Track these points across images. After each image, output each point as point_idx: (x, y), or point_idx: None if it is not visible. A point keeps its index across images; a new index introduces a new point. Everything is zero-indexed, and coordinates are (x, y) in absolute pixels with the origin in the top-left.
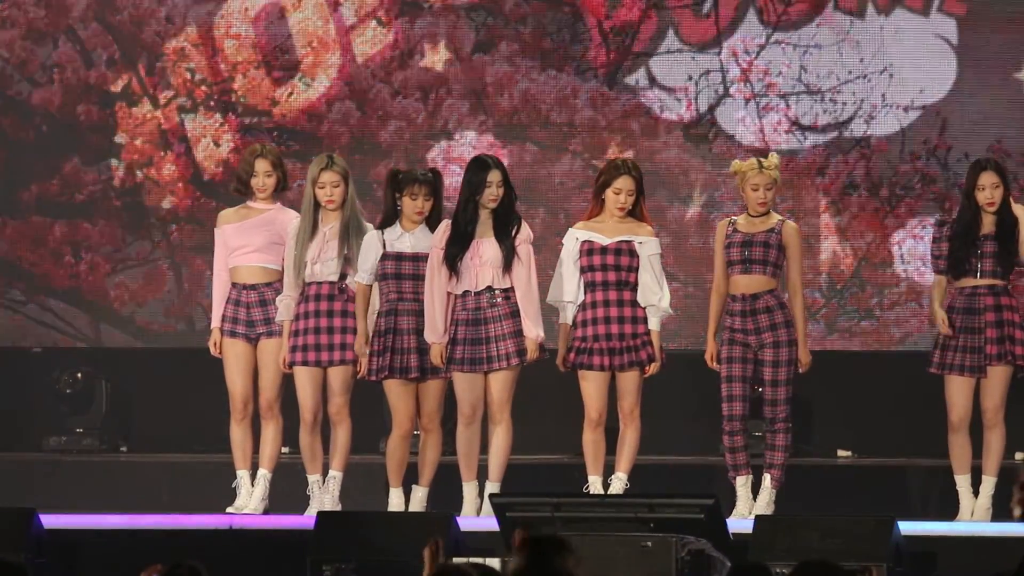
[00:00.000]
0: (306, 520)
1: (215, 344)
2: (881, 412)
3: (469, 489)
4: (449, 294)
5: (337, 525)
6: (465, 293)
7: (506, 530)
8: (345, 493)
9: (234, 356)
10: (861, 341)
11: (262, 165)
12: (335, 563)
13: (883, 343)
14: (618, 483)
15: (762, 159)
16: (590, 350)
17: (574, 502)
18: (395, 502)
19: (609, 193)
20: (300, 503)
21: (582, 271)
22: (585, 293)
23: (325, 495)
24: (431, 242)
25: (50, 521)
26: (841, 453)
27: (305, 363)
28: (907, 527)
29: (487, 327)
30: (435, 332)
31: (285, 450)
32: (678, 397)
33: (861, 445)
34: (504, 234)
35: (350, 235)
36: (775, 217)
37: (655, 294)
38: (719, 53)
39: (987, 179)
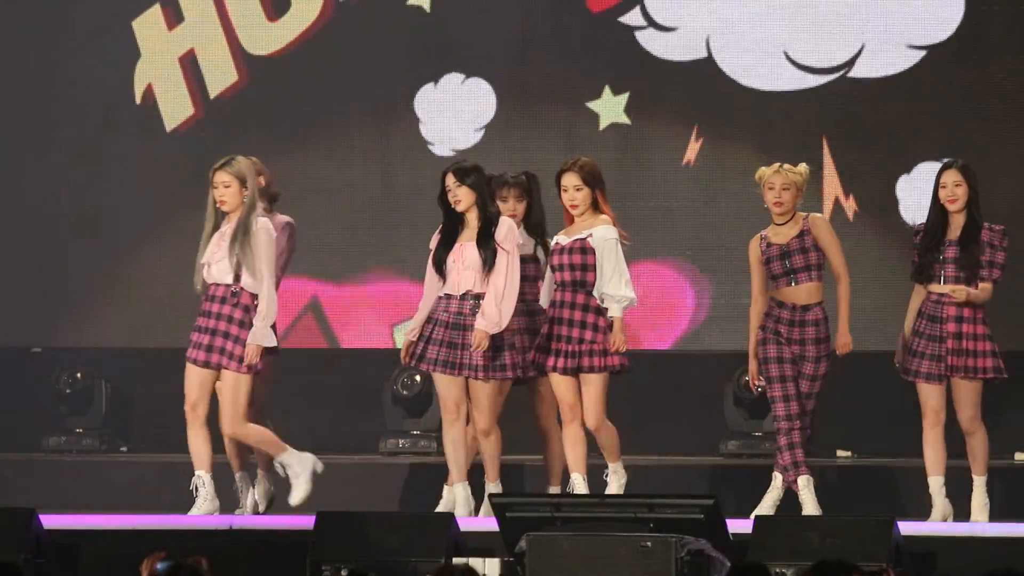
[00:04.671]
0: (306, 520)
1: None
2: (881, 412)
3: (460, 490)
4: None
5: (337, 525)
6: (449, 296)
7: (506, 530)
8: (345, 493)
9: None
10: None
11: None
12: (335, 563)
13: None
14: (613, 477)
15: (788, 165)
16: (547, 349)
17: (574, 502)
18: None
19: (561, 195)
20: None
21: (552, 271)
22: (555, 293)
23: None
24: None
25: (50, 521)
26: (841, 453)
27: (195, 361)
28: (907, 527)
29: (464, 334)
30: (410, 328)
31: None
32: (678, 397)
33: (861, 445)
34: (486, 237)
35: (239, 236)
36: (800, 217)
37: (601, 282)
38: None
39: (949, 177)
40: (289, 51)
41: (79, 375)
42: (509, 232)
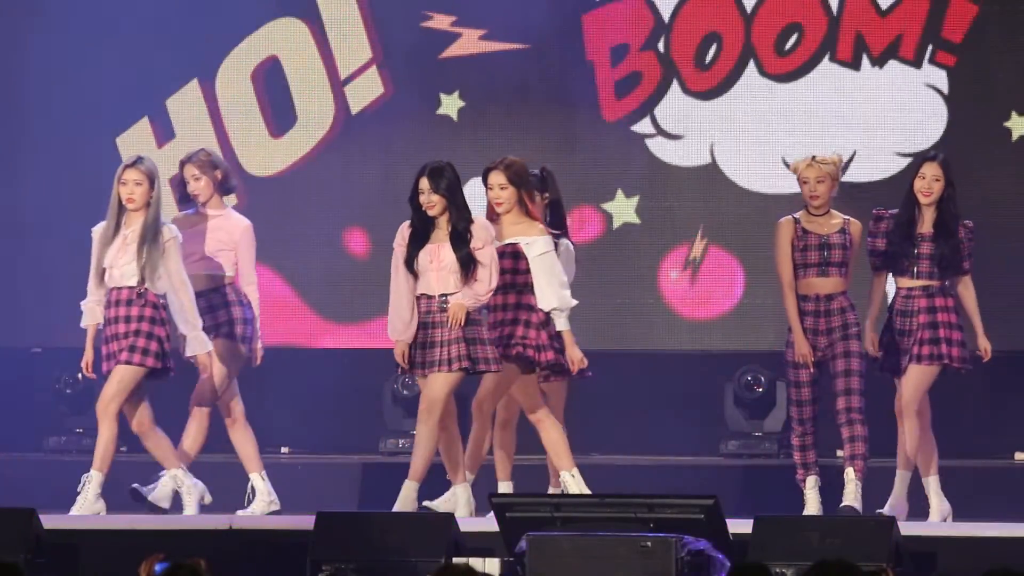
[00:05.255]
0: (306, 520)
1: None
2: (881, 412)
3: (461, 492)
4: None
5: (337, 525)
6: (425, 297)
7: (506, 530)
8: (345, 493)
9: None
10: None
11: (190, 171)
12: (335, 563)
13: None
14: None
15: (818, 154)
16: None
17: (574, 502)
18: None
19: (487, 193)
20: (300, 503)
21: None
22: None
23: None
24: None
25: (50, 521)
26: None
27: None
28: (907, 527)
29: (431, 332)
30: (396, 330)
31: (285, 450)
32: (678, 397)
33: None
34: (460, 241)
35: (147, 239)
36: (839, 215)
37: (545, 297)
38: (720, 101)
39: (928, 169)
40: (295, 170)
41: (79, 375)
42: (486, 239)
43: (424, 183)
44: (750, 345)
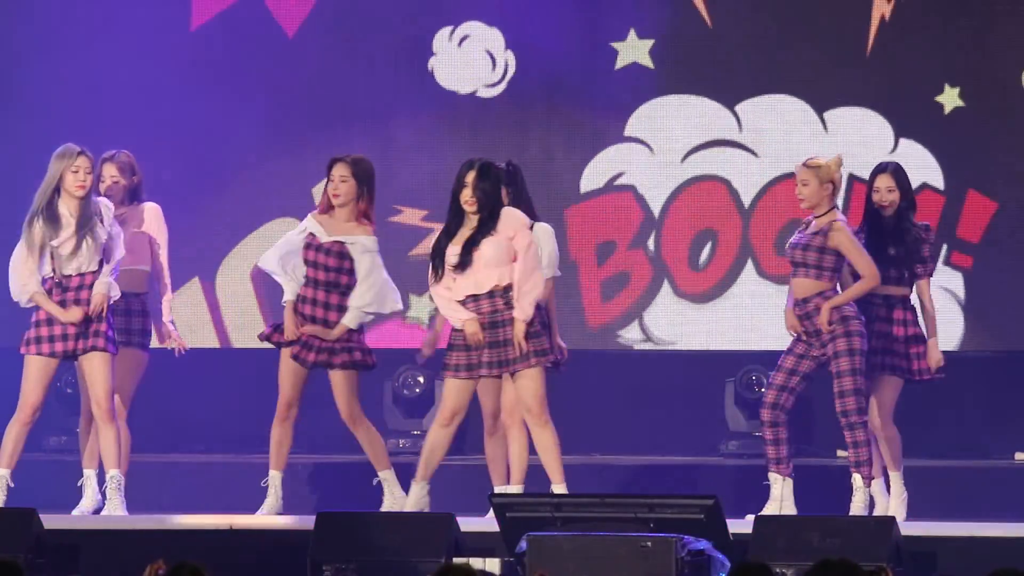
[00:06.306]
0: (306, 520)
1: None
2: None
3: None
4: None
5: (337, 525)
6: (467, 297)
7: (506, 530)
8: (345, 493)
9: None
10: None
11: (109, 170)
12: (335, 563)
13: None
14: (385, 485)
15: (817, 159)
16: (305, 345)
17: (574, 502)
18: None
19: (327, 184)
20: (300, 503)
21: (304, 263)
22: (306, 285)
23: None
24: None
25: (50, 521)
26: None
27: (40, 353)
28: (907, 527)
29: (505, 329)
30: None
31: None
32: (678, 397)
33: None
34: (485, 234)
35: (89, 221)
36: (826, 219)
37: (360, 294)
38: (716, 305)
39: (882, 182)
40: None
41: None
42: (518, 227)
43: (471, 177)
44: (750, 345)
